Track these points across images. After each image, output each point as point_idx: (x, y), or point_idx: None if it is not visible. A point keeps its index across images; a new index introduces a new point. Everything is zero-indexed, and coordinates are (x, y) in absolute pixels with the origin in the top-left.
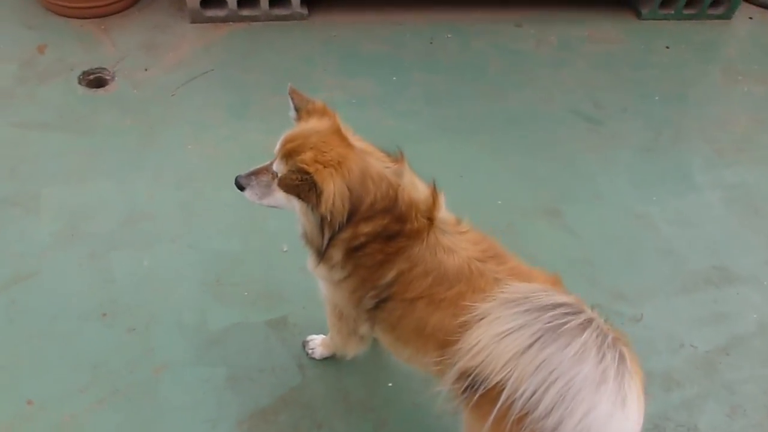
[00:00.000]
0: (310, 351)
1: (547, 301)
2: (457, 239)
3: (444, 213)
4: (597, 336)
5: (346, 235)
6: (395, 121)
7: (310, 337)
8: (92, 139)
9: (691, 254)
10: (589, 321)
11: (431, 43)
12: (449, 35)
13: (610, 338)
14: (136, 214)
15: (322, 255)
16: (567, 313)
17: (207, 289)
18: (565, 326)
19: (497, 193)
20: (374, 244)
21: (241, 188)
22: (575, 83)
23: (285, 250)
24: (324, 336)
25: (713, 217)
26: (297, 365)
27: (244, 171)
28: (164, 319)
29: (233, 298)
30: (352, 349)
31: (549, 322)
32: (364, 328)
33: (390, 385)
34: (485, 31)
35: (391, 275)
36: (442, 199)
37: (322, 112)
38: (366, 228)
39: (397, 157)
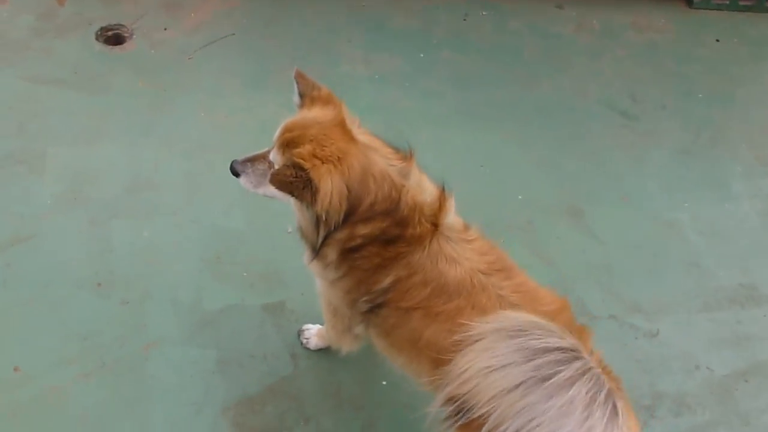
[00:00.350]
0: (304, 340)
1: (542, 343)
2: (462, 248)
3: (451, 218)
4: (587, 391)
5: (341, 235)
6: (417, 102)
7: (306, 326)
8: (104, 99)
9: (719, 269)
10: (583, 372)
11: (465, 20)
12: (485, 12)
13: (603, 393)
14: (140, 182)
15: (316, 252)
16: (560, 361)
17: (206, 266)
18: (555, 376)
19: (519, 188)
20: (371, 246)
21: (236, 174)
22: (613, 74)
23: (290, 231)
24: (320, 326)
25: (748, 231)
26: (290, 354)
27: (250, 151)
28: (159, 294)
29: (231, 278)
30: (347, 346)
31: (539, 368)
32: (358, 329)
33: (384, 383)
34: (524, 10)
35: (387, 281)
36: (450, 204)
37: (327, 101)
38: (364, 230)
39: (407, 155)
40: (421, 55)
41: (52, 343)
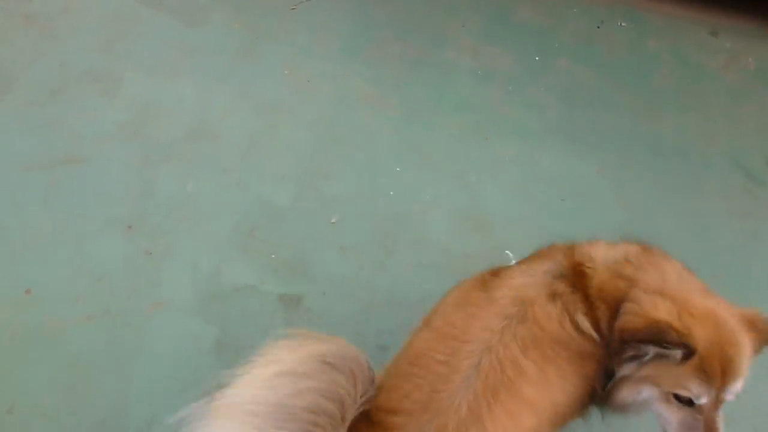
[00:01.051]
0: None
1: None
2: None
3: None
4: None
5: None
6: (516, 110)
7: None
8: (196, 33)
9: None
10: None
11: (599, 27)
12: (624, 24)
13: None
14: (203, 130)
15: None
16: None
17: (237, 237)
18: None
19: (597, 234)
20: None
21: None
22: (754, 126)
23: (333, 221)
24: None
25: None
26: None
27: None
28: (183, 254)
29: (258, 257)
30: None
31: None
32: None
33: None
34: (670, 30)
35: None
36: None
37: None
38: None
39: None
40: (537, 58)
41: (67, 274)
